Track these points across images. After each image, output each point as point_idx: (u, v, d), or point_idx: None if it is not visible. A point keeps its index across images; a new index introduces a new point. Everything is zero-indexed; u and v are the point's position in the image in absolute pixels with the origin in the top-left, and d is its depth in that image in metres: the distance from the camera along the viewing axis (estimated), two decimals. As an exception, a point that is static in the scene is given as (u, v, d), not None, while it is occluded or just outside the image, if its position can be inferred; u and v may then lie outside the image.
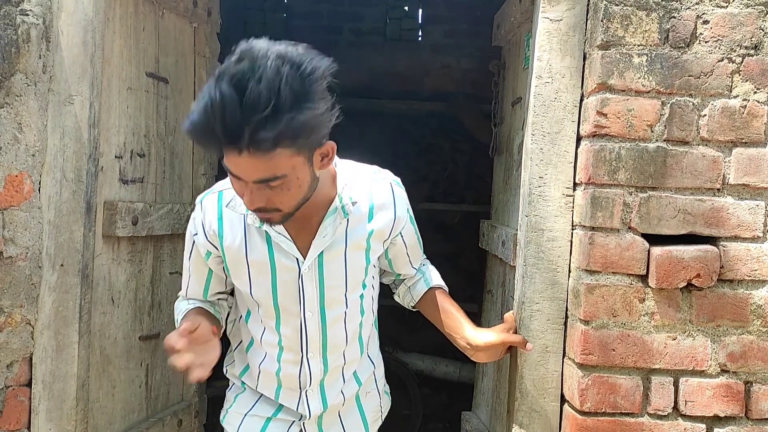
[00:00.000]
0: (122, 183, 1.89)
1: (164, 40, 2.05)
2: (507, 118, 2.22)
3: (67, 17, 1.65)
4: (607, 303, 1.57)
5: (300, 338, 1.53)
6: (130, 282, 1.96)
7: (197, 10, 2.15)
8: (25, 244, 1.64)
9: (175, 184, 2.16)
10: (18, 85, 1.61)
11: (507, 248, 1.92)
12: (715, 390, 1.58)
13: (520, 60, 2.05)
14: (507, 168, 2.17)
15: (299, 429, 1.61)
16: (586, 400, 1.58)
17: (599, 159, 1.57)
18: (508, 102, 2.21)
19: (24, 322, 1.66)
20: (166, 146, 2.09)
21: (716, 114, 1.56)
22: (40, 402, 1.68)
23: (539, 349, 1.67)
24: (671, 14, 1.56)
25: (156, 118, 2.03)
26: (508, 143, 2.19)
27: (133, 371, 2.00)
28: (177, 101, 2.14)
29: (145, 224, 1.92)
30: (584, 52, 1.64)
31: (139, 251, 1.99)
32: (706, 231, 1.57)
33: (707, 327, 1.58)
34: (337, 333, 1.55)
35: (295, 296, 1.49)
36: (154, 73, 2.00)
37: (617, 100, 1.56)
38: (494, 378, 2.16)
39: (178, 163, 2.17)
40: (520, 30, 2.04)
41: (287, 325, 1.52)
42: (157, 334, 2.08)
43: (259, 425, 1.60)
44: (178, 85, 2.14)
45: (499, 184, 2.31)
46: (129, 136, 1.91)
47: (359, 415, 1.67)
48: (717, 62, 1.56)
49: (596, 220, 1.57)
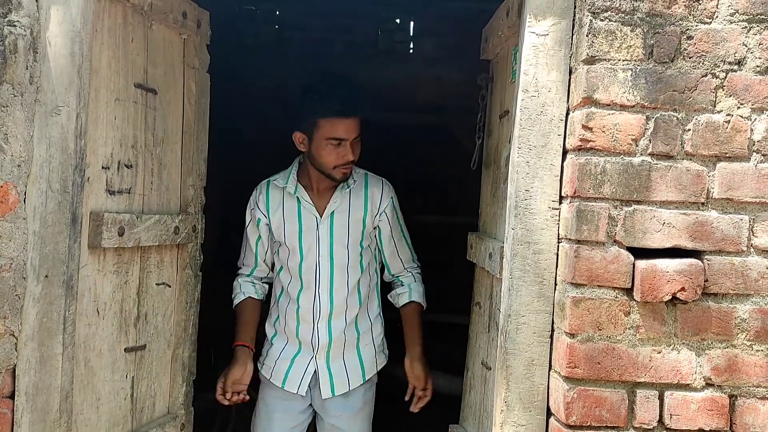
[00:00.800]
0: (109, 194, 1.88)
1: (153, 51, 2.05)
2: (495, 131, 2.23)
3: (55, 28, 1.65)
4: (593, 316, 1.58)
5: (315, 275, 2.27)
6: (116, 293, 1.94)
7: (187, 21, 2.15)
8: (10, 254, 1.63)
9: (163, 195, 2.14)
10: (4, 96, 1.61)
11: (494, 260, 1.92)
12: (700, 404, 1.58)
13: (508, 74, 2.07)
14: (495, 181, 2.18)
15: (315, 365, 2.30)
16: (572, 414, 1.57)
17: (584, 173, 1.57)
18: (495, 115, 2.23)
19: (8, 333, 1.65)
20: (154, 157, 2.08)
21: (700, 129, 1.57)
22: (23, 414, 1.66)
23: (525, 362, 1.67)
24: (655, 30, 1.58)
25: (144, 129, 2.02)
26: (496, 156, 2.20)
27: (117, 383, 1.98)
28: (166, 112, 2.13)
29: (131, 235, 1.91)
30: (570, 66, 1.66)
31: (125, 262, 1.97)
32: (691, 245, 1.58)
33: (692, 341, 1.58)
34: (342, 277, 2.28)
35: (313, 241, 2.27)
36: (143, 84, 1.99)
37: (602, 115, 1.57)
38: (481, 391, 2.16)
39: (167, 174, 2.15)
40: (508, 44, 2.05)
41: (307, 266, 2.28)
42: (143, 345, 2.07)
43: (287, 365, 2.33)
44: (167, 96, 2.13)
45: (486, 197, 2.32)
46: (116, 147, 1.90)
47: (358, 358, 2.34)
48: (701, 77, 1.58)
49: (582, 234, 1.57)
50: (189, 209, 2.22)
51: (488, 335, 2.13)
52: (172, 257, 2.19)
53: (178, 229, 2.12)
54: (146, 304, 2.08)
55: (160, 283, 2.13)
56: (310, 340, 2.29)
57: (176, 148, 2.19)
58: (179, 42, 2.19)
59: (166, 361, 2.20)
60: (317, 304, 2.28)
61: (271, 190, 2.34)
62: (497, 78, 2.26)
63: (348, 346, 2.31)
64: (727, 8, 1.58)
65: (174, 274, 2.21)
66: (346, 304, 2.29)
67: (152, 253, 2.09)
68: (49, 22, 1.65)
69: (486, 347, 2.13)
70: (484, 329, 2.17)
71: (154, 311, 2.12)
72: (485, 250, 2.06)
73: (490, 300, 2.12)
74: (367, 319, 2.37)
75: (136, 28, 1.96)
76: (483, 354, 2.16)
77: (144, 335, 2.08)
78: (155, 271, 2.12)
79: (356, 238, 2.30)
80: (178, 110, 2.19)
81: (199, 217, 2.25)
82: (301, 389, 2.30)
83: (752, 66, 1.58)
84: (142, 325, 2.07)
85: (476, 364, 2.24)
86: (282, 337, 2.35)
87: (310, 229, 2.28)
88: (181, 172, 2.23)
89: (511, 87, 1.95)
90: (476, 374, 2.23)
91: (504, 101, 2.11)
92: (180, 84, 2.20)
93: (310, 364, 2.30)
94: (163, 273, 2.14)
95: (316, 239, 2.28)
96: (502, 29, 2.05)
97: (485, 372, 2.11)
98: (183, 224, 2.15)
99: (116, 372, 1.97)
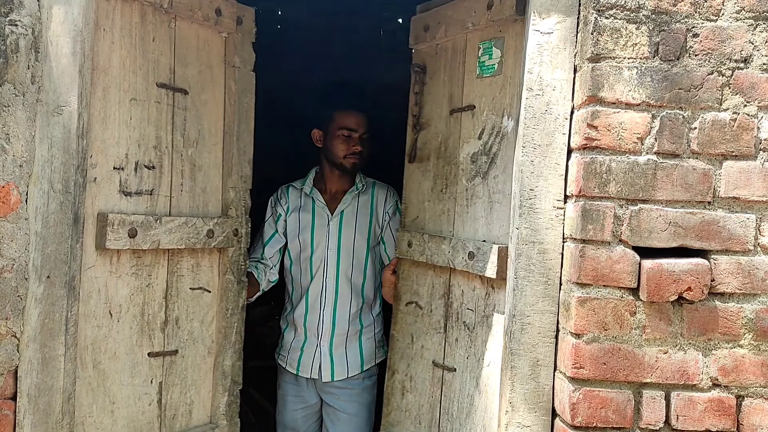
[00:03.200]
0: (124, 195, 1.86)
1: (182, 50, 2.00)
2: (439, 125, 2.18)
3: (57, 28, 1.64)
4: (598, 316, 1.56)
5: (323, 266, 2.57)
6: (135, 296, 1.91)
7: (222, 18, 2.07)
8: (12, 255, 1.62)
9: (198, 198, 2.08)
10: (6, 96, 1.60)
11: (478, 260, 1.89)
12: (706, 404, 1.57)
13: (467, 66, 2.03)
14: (443, 177, 2.14)
15: (319, 352, 2.58)
16: (578, 415, 1.56)
17: (590, 171, 1.56)
18: (440, 108, 2.17)
19: (10, 334, 1.64)
20: (184, 158, 2.03)
21: (706, 127, 1.56)
22: (25, 416, 1.66)
23: (530, 363, 1.66)
24: (661, 27, 1.56)
25: (171, 130, 1.98)
26: (441, 151, 2.16)
27: (139, 388, 1.94)
28: (201, 112, 2.07)
29: (147, 237, 1.87)
30: (575, 64, 1.64)
31: (146, 265, 1.93)
32: (697, 244, 1.57)
33: (698, 341, 1.57)
34: (347, 268, 2.57)
35: (324, 235, 2.59)
36: (168, 84, 1.96)
37: (607, 113, 1.56)
38: (431, 393, 2.12)
39: (202, 176, 2.09)
40: (473, 36, 2.01)
41: (316, 258, 2.58)
42: (174, 351, 2.02)
43: (298, 354, 2.63)
44: (202, 96, 2.07)
45: (424, 193, 2.24)
46: (133, 148, 1.88)
47: (359, 348, 2.61)
48: (707, 75, 1.57)
49: (587, 233, 1.56)
50: (230, 212, 2.15)
51: (442, 335, 2.09)
52: (212, 261, 2.13)
53: (213, 233, 2.05)
54: (177, 309, 2.04)
55: (196, 287, 2.08)
56: (316, 328, 2.58)
57: (215, 149, 2.13)
58: (218, 40, 2.12)
59: (205, 368, 2.14)
60: (324, 292, 2.57)
61: (291, 191, 2.69)
62: (446, 69, 2.16)
63: (351, 337, 2.59)
64: (734, 5, 1.57)
65: (214, 279, 2.14)
66: (350, 293, 2.58)
67: (184, 256, 2.04)
68: (51, 21, 1.64)
69: (438, 348, 2.09)
70: (433, 330, 2.14)
71: (188, 316, 2.07)
72: (456, 250, 1.99)
73: (446, 299, 2.07)
74: (369, 315, 2.65)
75: (158, 27, 1.93)
76: (433, 355, 2.12)
77: (174, 340, 2.04)
78: (189, 275, 2.07)
79: (363, 235, 2.60)
80: (217, 110, 2.13)
81: (242, 220, 2.17)
82: (313, 373, 2.60)
83: (759, 64, 1.56)
84: (171, 330, 2.03)
85: (417, 366, 2.20)
86: (291, 328, 2.66)
87: (321, 225, 2.60)
88: (222, 174, 2.16)
89: (479, 82, 1.94)
90: (419, 376, 2.19)
91: (464, 95, 2.05)
92: (220, 83, 2.13)
93: (316, 351, 2.59)
94: (200, 277, 2.09)
95: (326, 234, 2.59)
96: (473, 21, 1.98)
97: (443, 373, 2.07)
98: (220, 227, 2.08)
99: (137, 376, 1.94)
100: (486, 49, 1.96)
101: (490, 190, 1.94)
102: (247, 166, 2.19)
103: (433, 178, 2.19)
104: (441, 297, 2.10)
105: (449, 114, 2.11)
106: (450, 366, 2.04)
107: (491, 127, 1.94)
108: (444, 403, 2.05)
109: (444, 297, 2.08)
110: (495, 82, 1.94)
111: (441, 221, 2.14)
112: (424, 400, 2.14)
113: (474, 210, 1.99)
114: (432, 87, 2.22)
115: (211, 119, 2.11)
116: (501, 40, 1.93)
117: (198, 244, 2.01)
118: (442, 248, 2.05)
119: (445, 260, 2.03)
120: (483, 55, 1.96)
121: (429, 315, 2.16)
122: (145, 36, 1.89)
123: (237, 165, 2.16)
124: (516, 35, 1.87)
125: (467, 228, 2.01)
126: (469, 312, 1.98)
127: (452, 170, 2.09)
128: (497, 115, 1.93)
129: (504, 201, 1.88)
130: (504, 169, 1.89)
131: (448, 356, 2.04)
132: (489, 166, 1.95)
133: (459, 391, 2.01)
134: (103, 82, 1.78)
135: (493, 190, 1.93)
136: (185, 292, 2.06)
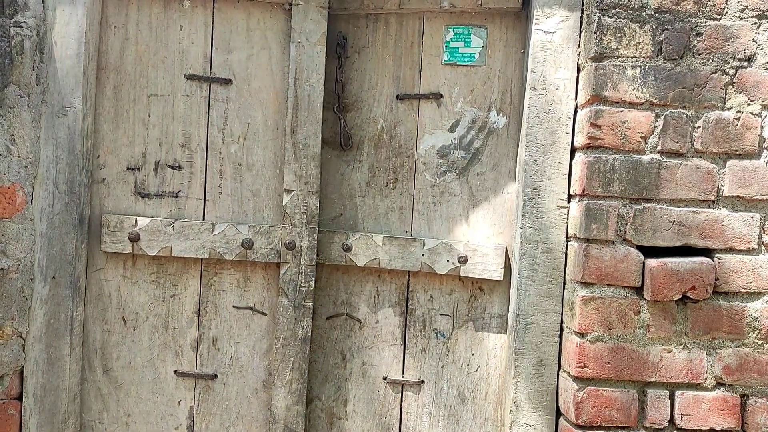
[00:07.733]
0: (140, 196, 1.80)
1: (224, 34, 1.82)
2: (379, 110, 1.89)
3: (61, 29, 1.65)
4: (602, 315, 1.56)
5: None
6: (156, 306, 1.83)
7: None
8: (17, 256, 1.63)
9: (247, 202, 1.84)
10: (11, 97, 1.61)
11: (471, 263, 1.78)
12: (711, 403, 1.57)
13: (425, 48, 1.86)
14: (391, 169, 1.89)
15: None
16: (582, 414, 1.56)
17: (593, 171, 1.56)
18: (371, 89, 1.89)
19: (15, 334, 1.64)
20: (224, 157, 1.83)
21: (710, 126, 1.56)
22: (31, 416, 1.66)
23: (534, 362, 1.66)
24: (664, 26, 1.56)
25: (205, 125, 1.82)
26: (386, 140, 1.89)
27: (162, 407, 1.84)
28: (251, 103, 1.83)
29: (153, 242, 1.76)
30: (578, 64, 1.64)
31: (169, 273, 1.83)
32: (701, 243, 1.56)
33: (703, 340, 1.57)
34: None
35: None
36: (200, 74, 1.81)
37: (611, 112, 1.56)
38: (379, 414, 1.85)
39: (252, 176, 1.84)
40: (434, 17, 1.85)
41: None
42: (213, 375, 1.84)
43: None
44: (252, 85, 1.83)
45: (353, 186, 1.90)
46: (152, 146, 1.80)
47: None
48: (711, 74, 1.56)
49: (591, 232, 1.56)
50: (286, 220, 1.79)
51: (399, 347, 1.88)
52: (267, 278, 1.85)
53: (251, 243, 1.78)
54: (214, 328, 1.85)
55: (242, 306, 1.85)
56: None
57: (272, 145, 1.84)
58: (275, 17, 1.83)
59: (257, 404, 1.86)
60: None
61: None
62: (386, 46, 1.88)
63: None
64: (737, 4, 1.56)
65: (269, 300, 1.86)
66: None
67: (225, 268, 1.83)
68: (55, 22, 1.65)
69: (393, 362, 1.87)
70: (381, 343, 1.89)
71: (232, 338, 1.85)
72: (437, 253, 1.82)
73: (404, 307, 1.89)
74: None
75: (188, 13, 1.81)
76: (384, 371, 1.88)
77: (211, 363, 1.85)
78: (233, 291, 1.85)
79: None
80: (274, 99, 1.84)
81: (301, 230, 1.79)
82: None
83: (762, 62, 1.56)
84: (207, 350, 1.85)
85: (356, 387, 1.89)
86: None
87: None
88: (283, 174, 1.82)
89: (449, 69, 1.84)
90: (360, 398, 1.89)
91: (421, 81, 1.87)
92: (278, 67, 1.84)
93: None
94: (250, 295, 1.85)
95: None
96: (452, 2, 1.82)
97: (402, 389, 1.88)
98: (263, 237, 1.79)
99: (159, 393, 1.84)
100: (459, 35, 1.86)
101: (471, 187, 1.86)
102: (313, 166, 1.79)
103: (369, 170, 1.90)
104: (394, 305, 1.89)
105: (396, 99, 1.88)
106: (413, 380, 1.87)
107: (470, 121, 1.86)
108: (406, 421, 1.88)
109: (399, 305, 1.88)
110: (475, 72, 1.86)
111: (389, 220, 1.89)
112: (371, 424, 1.89)
113: (447, 208, 1.87)
114: (362, 64, 1.90)
115: (266, 110, 1.83)
116: (484, 29, 1.85)
117: (228, 255, 1.77)
118: (409, 251, 1.83)
119: (414, 264, 1.82)
120: (455, 40, 1.86)
121: (373, 327, 1.89)
122: (170, 26, 1.80)
123: (297, 163, 1.79)
124: (507, 28, 1.82)
125: (435, 227, 1.87)
126: (444, 318, 1.87)
127: (405, 163, 1.88)
128: (480, 108, 1.85)
129: (493, 199, 1.84)
130: (494, 167, 1.84)
131: (410, 369, 1.87)
132: (469, 162, 1.86)
133: (431, 403, 1.89)
134: (113, 80, 1.78)
135: (476, 188, 1.85)
136: (227, 309, 1.84)
